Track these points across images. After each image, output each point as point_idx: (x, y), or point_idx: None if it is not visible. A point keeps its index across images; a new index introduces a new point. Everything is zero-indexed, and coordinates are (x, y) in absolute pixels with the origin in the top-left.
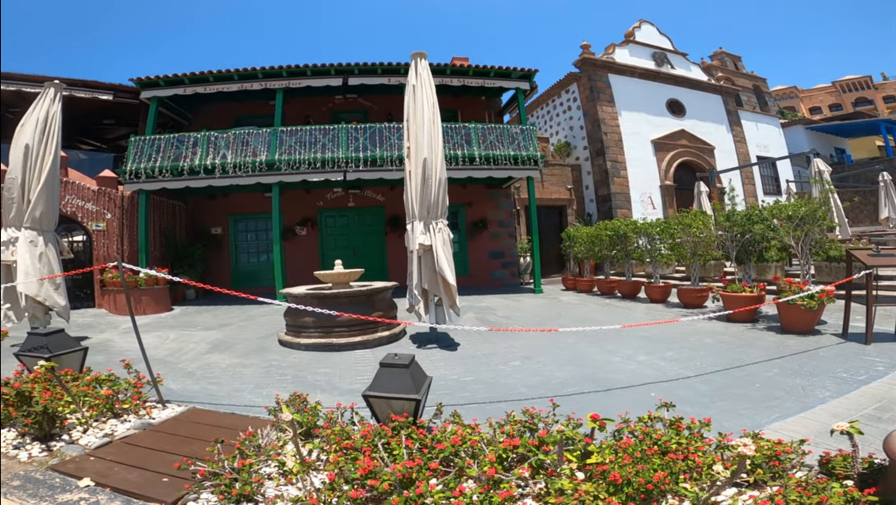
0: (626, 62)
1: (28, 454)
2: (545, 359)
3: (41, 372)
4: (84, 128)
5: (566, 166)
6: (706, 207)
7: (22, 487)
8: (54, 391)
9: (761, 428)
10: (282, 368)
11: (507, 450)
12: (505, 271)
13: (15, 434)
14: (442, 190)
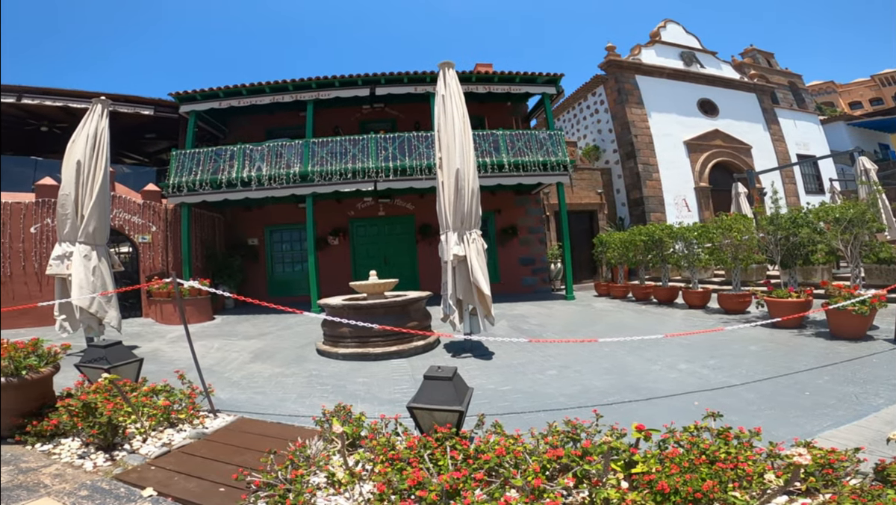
0: (653, 63)
1: (93, 463)
2: (583, 368)
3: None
4: (127, 142)
5: (596, 170)
6: (745, 209)
7: (89, 498)
8: (115, 402)
9: (812, 436)
10: (322, 378)
11: (550, 460)
12: (535, 278)
13: (79, 444)
14: (475, 200)
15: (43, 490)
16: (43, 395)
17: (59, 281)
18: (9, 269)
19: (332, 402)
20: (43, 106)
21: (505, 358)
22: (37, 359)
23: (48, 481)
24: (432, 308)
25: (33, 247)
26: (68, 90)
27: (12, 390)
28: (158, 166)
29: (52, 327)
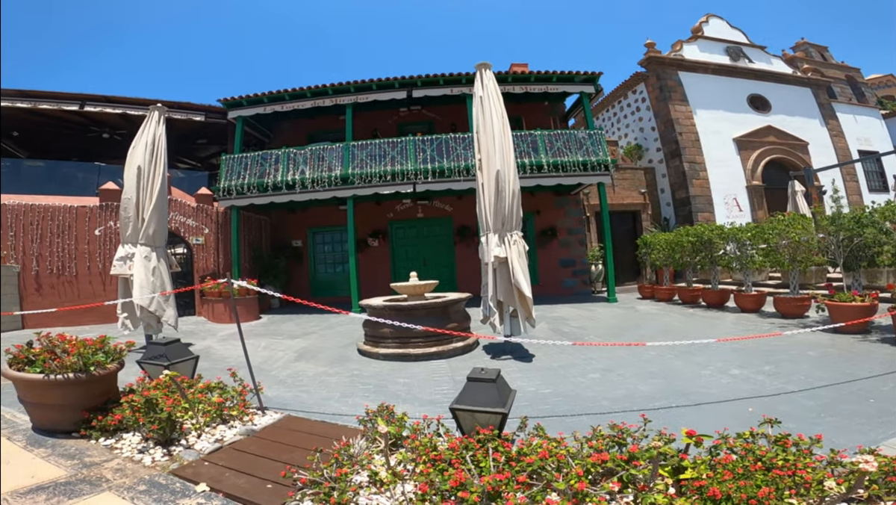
0: (696, 59)
1: (151, 458)
2: (627, 372)
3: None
4: (181, 148)
5: (638, 170)
6: (803, 209)
7: (147, 492)
8: (173, 398)
9: (877, 444)
10: (363, 378)
11: (595, 464)
12: (576, 280)
13: (139, 439)
14: (516, 201)
15: (105, 485)
16: (108, 390)
17: (121, 281)
18: (75, 269)
19: (374, 401)
20: (104, 113)
21: (545, 360)
22: (104, 355)
23: (110, 476)
24: (471, 310)
25: (97, 248)
26: (127, 98)
27: (80, 386)
28: (209, 170)
29: (115, 325)
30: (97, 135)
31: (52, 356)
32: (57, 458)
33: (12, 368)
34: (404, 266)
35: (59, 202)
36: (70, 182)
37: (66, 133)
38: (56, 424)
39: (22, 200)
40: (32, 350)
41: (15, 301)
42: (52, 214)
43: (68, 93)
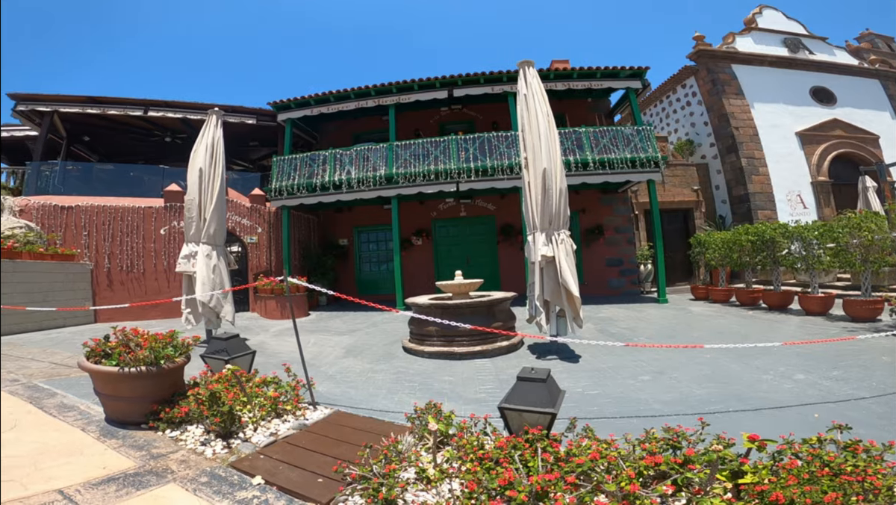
0: (750, 51)
1: (212, 451)
2: (680, 375)
3: (226, 374)
4: (235, 150)
5: (690, 166)
6: (875, 206)
7: (208, 484)
8: (233, 392)
9: None
10: (409, 375)
11: (647, 467)
12: (623, 280)
13: (202, 431)
14: (563, 200)
15: (170, 476)
16: (175, 383)
17: (185, 277)
18: (142, 266)
19: (419, 399)
20: (165, 118)
21: (593, 362)
22: (173, 350)
23: (175, 467)
24: (516, 309)
25: (162, 247)
26: (186, 102)
27: (151, 379)
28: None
29: (178, 319)
30: (160, 139)
31: (127, 350)
32: (127, 449)
33: (90, 361)
34: (447, 265)
35: (128, 203)
36: (137, 184)
37: (132, 137)
38: (127, 416)
39: (94, 202)
40: (109, 344)
41: (88, 296)
42: (121, 215)
43: (133, 98)
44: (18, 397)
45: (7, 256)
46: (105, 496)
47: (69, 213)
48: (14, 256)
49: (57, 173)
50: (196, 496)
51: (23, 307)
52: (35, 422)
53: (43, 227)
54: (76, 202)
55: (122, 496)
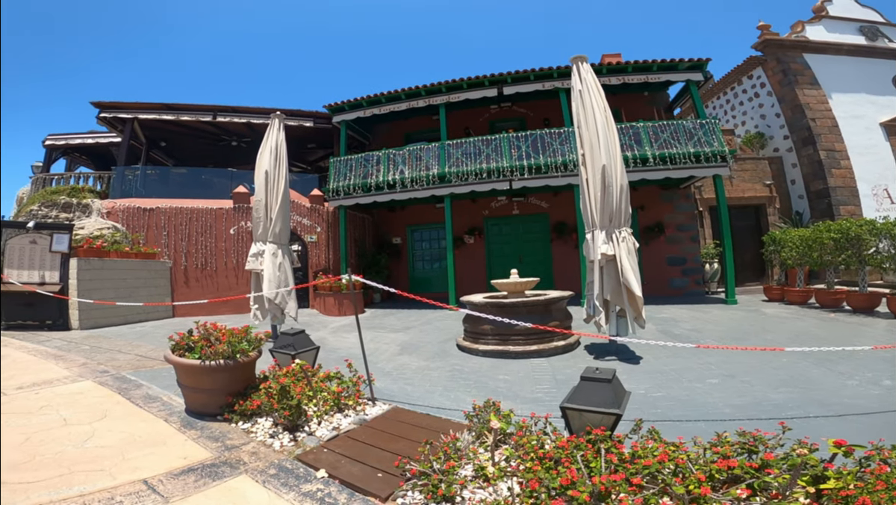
0: (823, 39)
1: (280, 443)
2: (753, 378)
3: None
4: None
5: (761, 160)
6: None
7: (276, 477)
8: (300, 386)
9: None
10: (464, 373)
11: (720, 470)
12: (686, 279)
13: (271, 423)
14: (623, 197)
15: (242, 467)
16: (248, 377)
17: (254, 275)
18: (214, 264)
19: (475, 397)
20: (232, 123)
21: (655, 363)
22: (247, 344)
23: (246, 459)
24: (572, 308)
25: (232, 246)
26: (250, 107)
27: (228, 372)
28: (318, 173)
29: (246, 315)
30: (227, 143)
31: (208, 344)
32: (205, 440)
33: (175, 354)
34: (500, 263)
35: (201, 205)
36: (208, 186)
37: (201, 142)
38: (205, 407)
39: (172, 204)
40: (192, 338)
41: (167, 292)
42: (195, 216)
43: (203, 105)
44: (108, 388)
45: (97, 254)
46: (185, 486)
47: (150, 214)
48: (103, 254)
49: (138, 177)
50: (265, 488)
51: (113, 302)
52: (123, 412)
53: (127, 228)
54: (156, 204)
55: (199, 487)
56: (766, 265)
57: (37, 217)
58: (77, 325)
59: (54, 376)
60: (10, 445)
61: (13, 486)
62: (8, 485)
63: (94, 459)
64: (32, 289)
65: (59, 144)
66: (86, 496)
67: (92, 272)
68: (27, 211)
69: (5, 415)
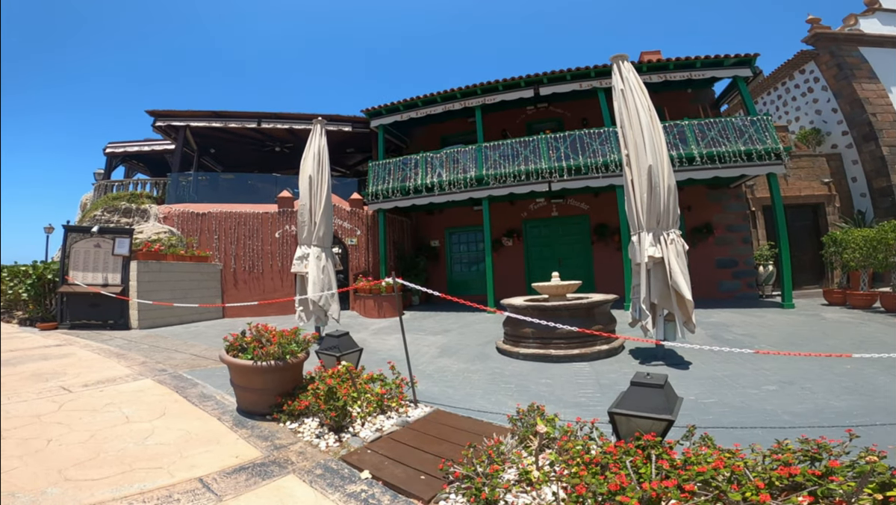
0: (879, 32)
1: (325, 444)
2: (814, 385)
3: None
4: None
5: (818, 157)
6: None
7: (322, 477)
8: (345, 387)
9: None
10: (505, 377)
11: (780, 477)
12: (737, 282)
13: (317, 424)
14: (672, 197)
15: (290, 467)
16: (296, 377)
17: (299, 278)
18: (261, 266)
19: (516, 400)
20: (275, 129)
21: (705, 369)
22: (296, 346)
23: (294, 459)
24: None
25: (277, 249)
26: (292, 113)
27: (278, 372)
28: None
29: (290, 316)
30: (270, 149)
31: (259, 345)
32: (255, 439)
33: (228, 354)
34: (539, 266)
35: (249, 209)
36: (254, 191)
37: (247, 149)
38: (255, 407)
39: (222, 209)
40: (245, 339)
41: (217, 294)
42: (244, 220)
43: (248, 112)
44: (166, 386)
45: (154, 257)
46: (237, 485)
47: (202, 218)
48: (160, 257)
49: (191, 183)
50: (312, 488)
51: (170, 303)
52: (180, 410)
53: (182, 232)
54: (208, 209)
55: (250, 485)
56: (826, 267)
57: (100, 222)
58: (136, 324)
59: (117, 374)
60: (77, 442)
61: (79, 482)
62: (74, 481)
63: (154, 457)
64: (97, 290)
65: (118, 152)
66: (146, 494)
67: (150, 274)
68: (91, 216)
69: (73, 412)
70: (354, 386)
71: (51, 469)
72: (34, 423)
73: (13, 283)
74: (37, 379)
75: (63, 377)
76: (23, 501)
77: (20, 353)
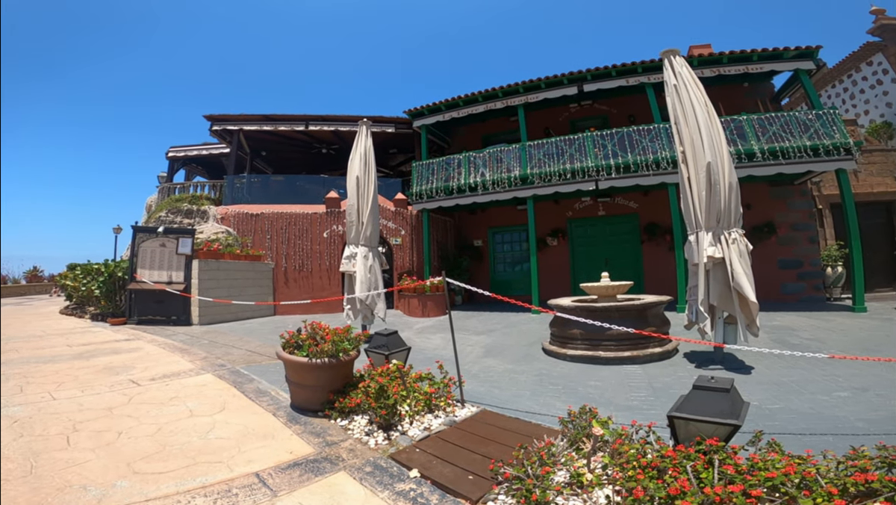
0: None
1: (375, 441)
2: (890, 393)
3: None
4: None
5: (891, 151)
6: None
7: (371, 474)
8: (394, 385)
9: None
10: (552, 378)
11: (856, 483)
12: (803, 284)
13: (366, 421)
14: (734, 195)
15: (341, 464)
16: (347, 375)
17: (347, 277)
18: (310, 266)
19: (564, 402)
20: (322, 131)
21: (769, 374)
22: (349, 343)
23: (344, 455)
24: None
25: (325, 249)
26: (337, 116)
27: (330, 370)
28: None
29: (338, 314)
30: (317, 151)
31: (314, 342)
32: (308, 435)
33: (285, 351)
34: (584, 266)
35: (298, 210)
36: (302, 193)
37: (295, 151)
38: (308, 403)
39: (274, 209)
40: (300, 336)
41: (269, 292)
42: (294, 220)
43: (296, 115)
44: (226, 381)
45: (213, 256)
46: (290, 480)
47: (256, 219)
48: (218, 256)
49: (244, 185)
50: (362, 485)
51: (229, 301)
52: (238, 405)
53: (237, 232)
54: (261, 210)
55: (303, 481)
56: None
57: (164, 223)
58: (197, 320)
59: (181, 369)
60: (145, 435)
61: (146, 476)
62: (142, 475)
63: (215, 451)
64: (162, 287)
65: (179, 156)
66: (207, 487)
67: (210, 273)
68: (156, 217)
69: (142, 405)
70: (404, 385)
71: (120, 462)
72: (106, 415)
73: (86, 280)
74: (109, 372)
75: (132, 371)
76: (94, 494)
77: (93, 346)
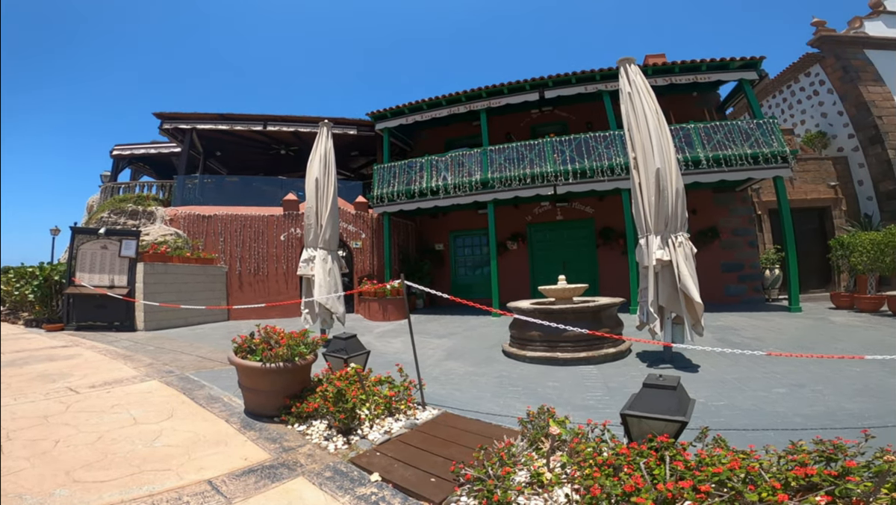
0: (885, 35)
1: (334, 446)
2: (825, 388)
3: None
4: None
5: (825, 160)
6: None
7: (331, 479)
8: (353, 389)
9: None
10: (512, 379)
11: (797, 477)
12: (743, 286)
13: (325, 426)
14: (679, 201)
15: (299, 469)
16: (304, 379)
17: (304, 280)
18: (266, 269)
19: (524, 403)
20: (280, 132)
21: (714, 372)
22: (305, 347)
23: (303, 461)
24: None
25: (282, 252)
26: (298, 116)
27: (286, 375)
28: (361, 180)
29: (295, 319)
30: (276, 152)
31: (268, 347)
32: (263, 441)
33: (237, 356)
34: (543, 269)
35: (254, 212)
36: (259, 194)
37: (253, 152)
38: (263, 409)
39: (228, 211)
40: (254, 341)
41: (223, 296)
42: (249, 223)
43: (254, 115)
44: (174, 388)
45: (161, 259)
46: (246, 487)
47: (208, 221)
48: (166, 259)
49: (196, 185)
50: (322, 490)
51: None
52: (188, 412)
53: (188, 234)
54: (213, 211)
55: (259, 488)
56: (833, 271)
57: (107, 224)
58: (142, 326)
59: (124, 376)
60: (85, 444)
61: (88, 484)
62: (83, 483)
63: (163, 459)
64: (103, 291)
65: (125, 154)
66: (154, 496)
67: (156, 276)
68: (98, 218)
69: (81, 413)
70: (363, 388)
71: (59, 470)
72: (41, 424)
73: (19, 284)
74: (44, 380)
75: (70, 378)
76: (31, 502)
77: (26, 353)
